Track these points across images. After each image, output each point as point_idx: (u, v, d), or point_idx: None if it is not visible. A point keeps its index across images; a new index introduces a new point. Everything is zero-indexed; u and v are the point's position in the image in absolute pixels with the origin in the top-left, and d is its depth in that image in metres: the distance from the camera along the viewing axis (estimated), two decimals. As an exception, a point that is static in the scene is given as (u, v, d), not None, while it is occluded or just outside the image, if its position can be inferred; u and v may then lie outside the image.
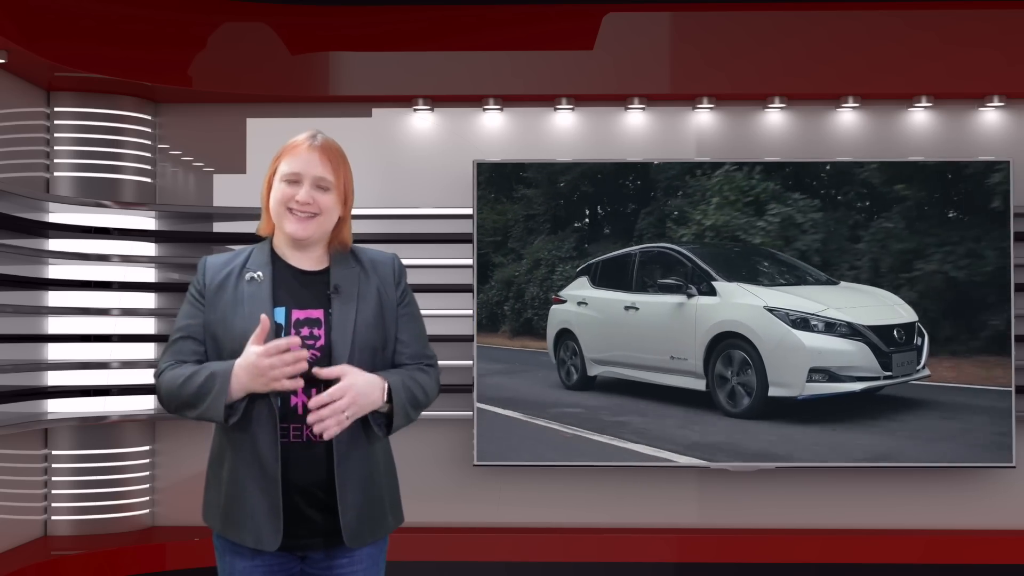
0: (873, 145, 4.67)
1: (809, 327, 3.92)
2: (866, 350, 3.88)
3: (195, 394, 2.20)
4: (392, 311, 2.35)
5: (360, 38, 4.61)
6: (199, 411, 2.21)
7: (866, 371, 3.93)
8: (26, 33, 3.98)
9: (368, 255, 2.39)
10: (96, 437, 4.56)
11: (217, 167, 4.77)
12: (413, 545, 4.40)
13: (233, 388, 2.17)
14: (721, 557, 4.52)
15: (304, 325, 2.26)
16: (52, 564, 4.18)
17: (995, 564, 4.49)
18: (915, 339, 3.92)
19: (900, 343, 3.88)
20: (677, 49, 4.58)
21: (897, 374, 3.90)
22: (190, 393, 2.21)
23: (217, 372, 2.19)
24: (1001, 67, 4.51)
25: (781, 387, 3.95)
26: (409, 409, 2.30)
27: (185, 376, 2.23)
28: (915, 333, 3.89)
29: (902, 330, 3.90)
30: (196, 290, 2.33)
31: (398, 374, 2.31)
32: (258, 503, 2.22)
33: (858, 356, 3.90)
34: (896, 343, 3.88)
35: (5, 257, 4.11)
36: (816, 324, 3.91)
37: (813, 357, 3.95)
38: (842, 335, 3.87)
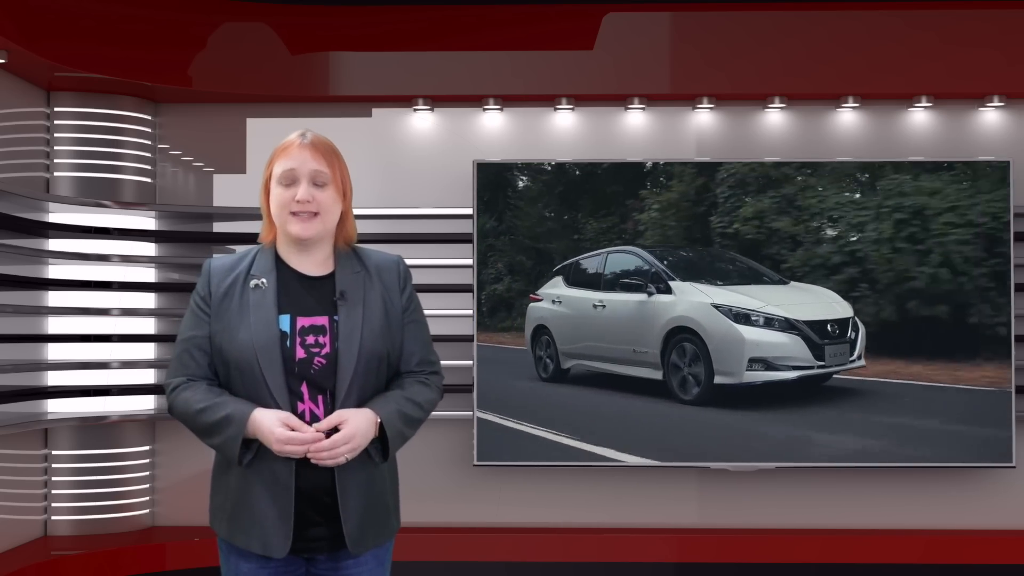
0: (873, 145, 4.67)
1: (750, 322, 4.25)
2: (800, 342, 4.23)
3: (209, 429, 2.22)
4: (397, 319, 2.33)
5: (360, 38, 4.61)
6: (213, 444, 2.24)
7: (800, 361, 4.27)
8: (26, 33, 3.98)
9: (373, 259, 2.37)
10: (96, 437, 4.55)
11: (217, 167, 4.77)
12: (413, 545, 4.40)
13: (247, 431, 2.19)
14: (721, 557, 4.52)
15: (309, 333, 2.25)
16: (52, 564, 4.18)
17: (995, 564, 4.49)
18: (849, 333, 4.27)
19: (834, 336, 4.23)
20: (677, 49, 4.58)
21: (831, 364, 4.26)
22: (204, 426, 2.23)
23: (233, 416, 2.19)
24: (1001, 67, 4.51)
25: (724, 375, 4.31)
26: (405, 430, 2.29)
27: (199, 407, 2.23)
28: (849, 327, 4.25)
29: (836, 324, 4.24)
30: (201, 298, 2.31)
31: (393, 401, 2.28)
32: (267, 510, 2.22)
33: (793, 347, 4.25)
34: (830, 336, 4.23)
35: (5, 257, 4.11)
36: (756, 319, 4.25)
37: (752, 348, 4.27)
38: (779, 329, 4.22)
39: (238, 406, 2.20)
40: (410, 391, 2.33)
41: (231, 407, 2.20)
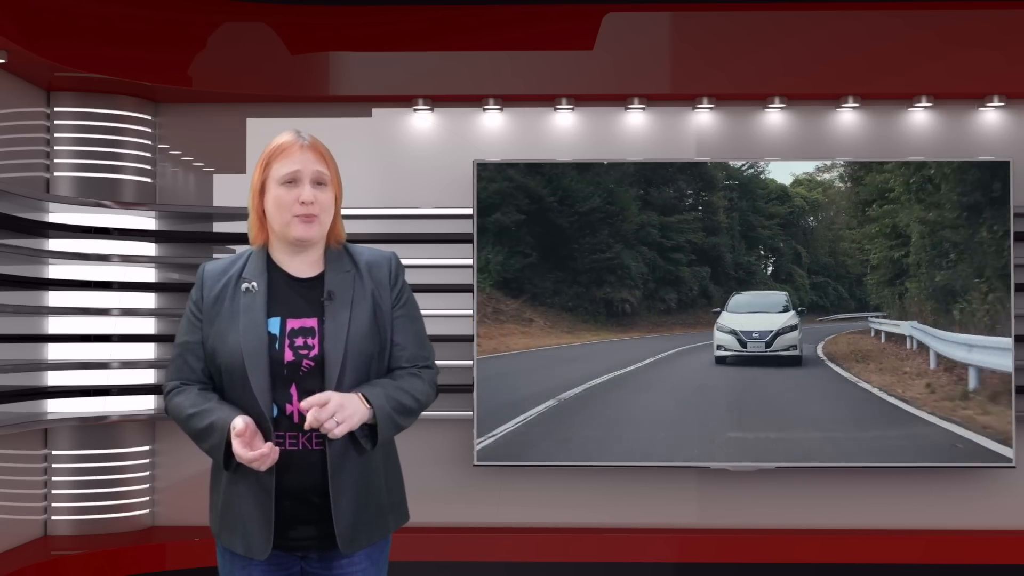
0: (873, 145, 4.67)
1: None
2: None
3: (197, 435, 2.28)
4: (387, 316, 2.32)
5: (360, 38, 4.61)
6: (203, 449, 2.28)
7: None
8: (26, 33, 3.98)
9: (365, 257, 2.36)
10: (96, 437, 4.55)
11: (217, 167, 4.77)
12: (413, 545, 4.40)
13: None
14: (721, 557, 4.51)
15: (299, 335, 2.25)
16: (52, 564, 4.18)
17: (995, 564, 4.49)
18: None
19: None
20: (677, 49, 4.58)
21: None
22: (193, 432, 2.28)
23: (215, 425, 2.21)
24: (1001, 67, 4.51)
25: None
26: (396, 418, 2.27)
27: (188, 413, 2.27)
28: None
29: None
30: (194, 303, 2.33)
31: (380, 386, 2.27)
32: (251, 512, 2.24)
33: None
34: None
35: (5, 257, 4.11)
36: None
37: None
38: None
39: (221, 414, 2.21)
40: (400, 381, 2.31)
41: (215, 415, 2.22)
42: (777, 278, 4.50)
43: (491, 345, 4.40)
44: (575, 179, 3.86)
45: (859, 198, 4.44)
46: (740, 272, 4.50)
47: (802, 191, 4.40)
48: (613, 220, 4.28)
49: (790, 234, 4.48)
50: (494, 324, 3.98)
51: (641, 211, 4.17)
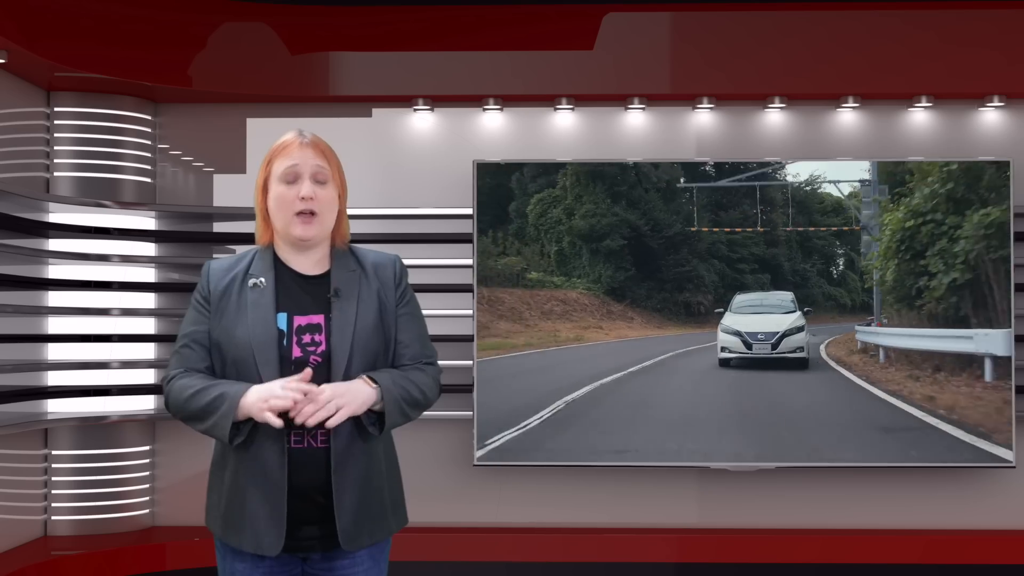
0: (873, 145, 4.67)
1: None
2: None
3: (202, 409, 2.21)
4: (392, 315, 2.35)
5: (360, 38, 4.61)
6: (205, 426, 2.23)
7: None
8: (26, 33, 3.98)
9: (370, 258, 2.39)
10: (96, 437, 4.55)
11: (217, 167, 4.77)
12: (413, 545, 4.40)
13: (239, 410, 2.18)
14: (721, 557, 4.52)
15: (306, 331, 2.26)
16: (52, 564, 4.18)
17: (995, 564, 4.49)
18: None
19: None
20: (677, 49, 4.58)
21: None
22: (198, 408, 2.22)
23: (227, 393, 2.19)
24: (1001, 67, 4.51)
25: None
26: (404, 405, 2.29)
27: (194, 389, 2.23)
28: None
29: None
30: (201, 296, 2.33)
31: (387, 373, 2.30)
32: (259, 508, 2.23)
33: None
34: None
35: (5, 257, 4.11)
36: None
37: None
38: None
39: (233, 387, 2.21)
40: (406, 372, 2.34)
41: (225, 387, 2.21)
42: (831, 281, 4.59)
43: (605, 335, 4.71)
44: (662, 210, 4.56)
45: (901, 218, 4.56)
46: (796, 278, 4.58)
47: (855, 203, 4.59)
48: (690, 240, 4.60)
49: (845, 242, 4.59)
50: (606, 319, 4.60)
51: (711, 231, 4.63)
